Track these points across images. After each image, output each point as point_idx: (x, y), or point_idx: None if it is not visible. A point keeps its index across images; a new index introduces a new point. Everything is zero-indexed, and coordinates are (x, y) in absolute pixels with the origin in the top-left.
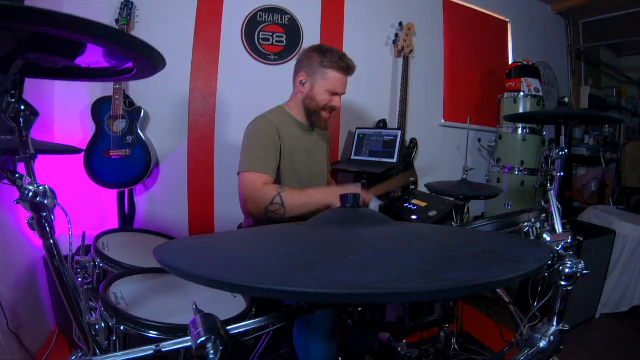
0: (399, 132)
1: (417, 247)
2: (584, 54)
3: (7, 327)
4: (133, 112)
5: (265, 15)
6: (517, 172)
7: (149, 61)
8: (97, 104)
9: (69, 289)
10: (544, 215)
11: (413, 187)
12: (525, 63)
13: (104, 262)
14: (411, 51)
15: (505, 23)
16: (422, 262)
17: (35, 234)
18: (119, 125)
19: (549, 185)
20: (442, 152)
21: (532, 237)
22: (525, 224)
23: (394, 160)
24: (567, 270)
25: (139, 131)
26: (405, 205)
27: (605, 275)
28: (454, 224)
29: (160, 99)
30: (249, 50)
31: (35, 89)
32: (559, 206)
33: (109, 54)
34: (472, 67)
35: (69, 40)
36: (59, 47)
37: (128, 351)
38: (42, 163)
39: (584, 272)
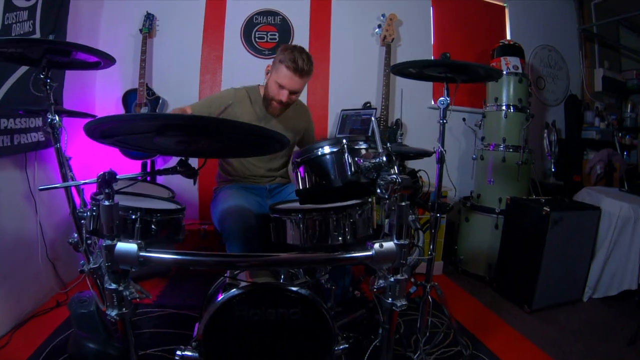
0: (374, 111)
1: None
2: (597, 36)
3: (46, 256)
4: (154, 100)
5: (260, 17)
6: (500, 149)
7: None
8: (126, 94)
9: None
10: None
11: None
12: (506, 42)
13: None
14: (393, 39)
15: (502, 8)
16: None
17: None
18: (143, 111)
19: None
20: (433, 134)
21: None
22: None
23: (369, 135)
24: (381, 182)
25: None
26: None
27: (592, 254)
28: None
29: (177, 89)
30: (247, 47)
31: (80, 83)
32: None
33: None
34: (465, 52)
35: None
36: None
37: None
38: (83, 141)
39: (395, 179)
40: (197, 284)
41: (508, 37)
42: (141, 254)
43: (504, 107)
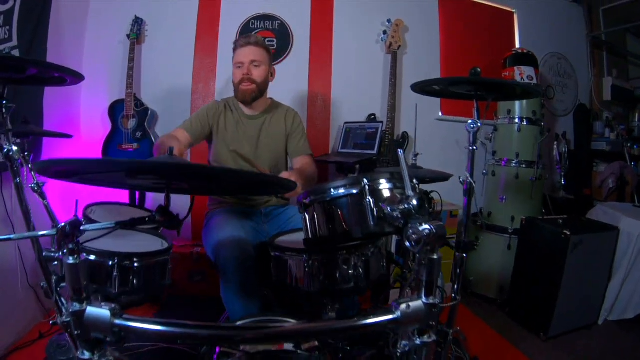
0: (380, 124)
1: None
2: (605, 44)
3: (26, 282)
4: (142, 112)
5: (258, 22)
6: (513, 165)
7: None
8: (113, 105)
9: None
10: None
11: None
12: (520, 51)
13: None
14: (399, 47)
15: (511, 14)
16: None
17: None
18: (131, 123)
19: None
20: (441, 146)
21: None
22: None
23: (374, 152)
24: (413, 235)
25: (147, 128)
26: None
27: (609, 276)
28: None
29: (167, 100)
30: None
31: (64, 95)
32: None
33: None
34: (473, 60)
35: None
36: None
37: None
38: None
39: (429, 231)
40: (192, 311)
41: (517, 44)
42: (116, 322)
43: (517, 120)
